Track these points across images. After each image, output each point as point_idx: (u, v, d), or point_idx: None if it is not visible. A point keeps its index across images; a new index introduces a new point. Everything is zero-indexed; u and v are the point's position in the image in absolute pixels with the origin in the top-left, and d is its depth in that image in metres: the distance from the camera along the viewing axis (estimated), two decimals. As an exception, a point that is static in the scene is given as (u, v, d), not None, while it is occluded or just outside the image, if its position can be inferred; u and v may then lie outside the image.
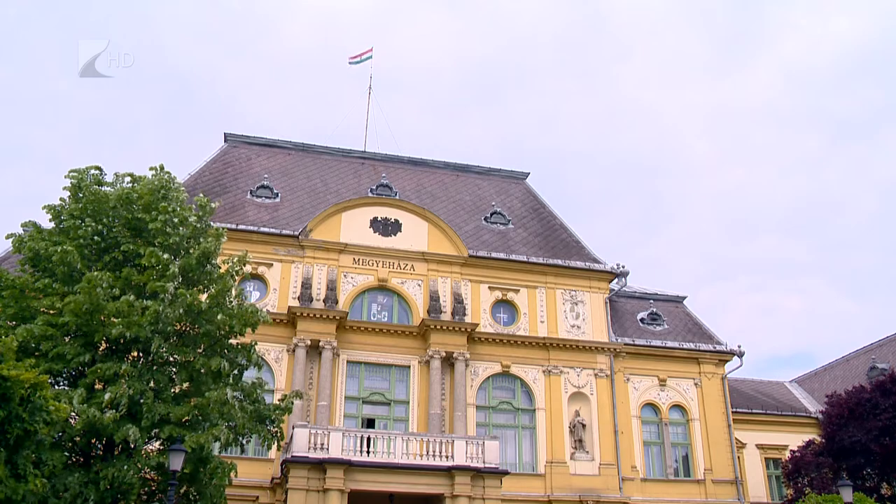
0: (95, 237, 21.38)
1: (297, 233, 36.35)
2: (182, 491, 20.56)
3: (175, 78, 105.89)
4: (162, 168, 22.85)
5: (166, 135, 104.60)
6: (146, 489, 20.17)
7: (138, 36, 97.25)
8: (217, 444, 20.50)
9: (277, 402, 22.94)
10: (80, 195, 21.75)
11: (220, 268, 22.22)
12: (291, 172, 42.25)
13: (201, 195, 24.16)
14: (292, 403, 23.17)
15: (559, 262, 39.33)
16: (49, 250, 20.16)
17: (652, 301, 42.04)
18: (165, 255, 20.12)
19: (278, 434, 23.09)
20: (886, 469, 33.36)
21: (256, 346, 23.09)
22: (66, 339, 19.38)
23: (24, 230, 21.66)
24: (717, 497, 37.11)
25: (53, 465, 16.49)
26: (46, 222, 22.19)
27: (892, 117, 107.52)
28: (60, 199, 22.09)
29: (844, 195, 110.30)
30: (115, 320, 18.89)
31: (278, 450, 28.29)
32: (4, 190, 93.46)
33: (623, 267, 39.82)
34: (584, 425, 36.44)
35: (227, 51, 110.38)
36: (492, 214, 42.29)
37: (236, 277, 22.50)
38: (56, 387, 19.16)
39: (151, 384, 19.41)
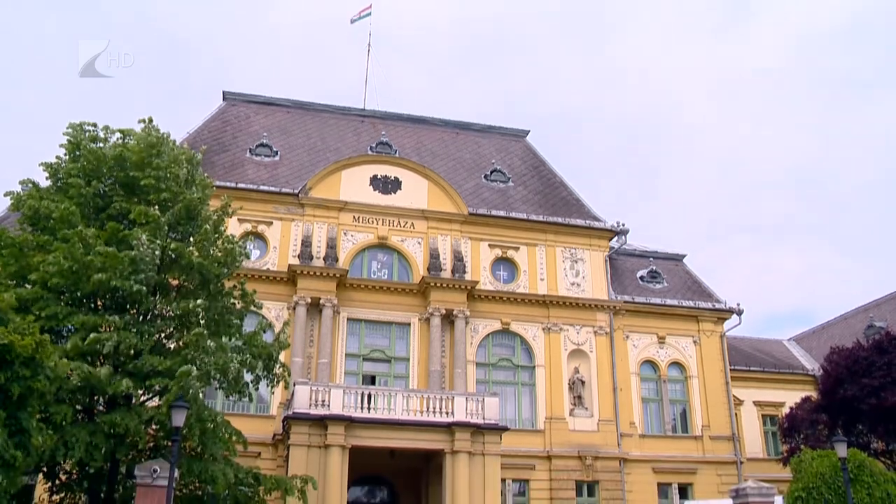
0: (96, 197, 21.31)
1: (296, 191, 36.27)
2: (187, 444, 20.69)
3: (172, 39, 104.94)
4: (150, 121, 22.64)
5: (163, 97, 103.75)
6: (152, 444, 20.31)
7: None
8: (219, 396, 20.49)
9: (275, 338, 22.96)
10: (78, 153, 21.60)
11: (210, 219, 22.08)
12: (290, 130, 42.03)
13: (185, 146, 24.02)
14: (287, 336, 23.25)
15: (559, 219, 39.31)
16: (49, 207, 20.08)
17: (652, 259, 42.08)
18: (154, 209, 20.03)
19: (285, 372, 23.11)
20: (877, 425, 33.68)
21: (245, 285, 23.01)
22: (60, 297, 19.37)
23: (22, 188, 21.55)
24: (714, 453, 37.51)
25: (63, 416, 16.63)
26: (43, 181, 22.08)
27: (895, 78, 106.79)
28: (57, 156, 21.95)
29: (845, 156, 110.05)
30: (102, 276, 18.80)
31: (285, 386, 28.40)
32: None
33: (623, 225, 39.83)
34: (583, 382, 36.69)
35: (224, 11, 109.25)
36: (492, 172, 42.17)
37: (224, 222, 22.44)
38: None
39: (143, 337, 19.34)
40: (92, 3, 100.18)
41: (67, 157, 21.84)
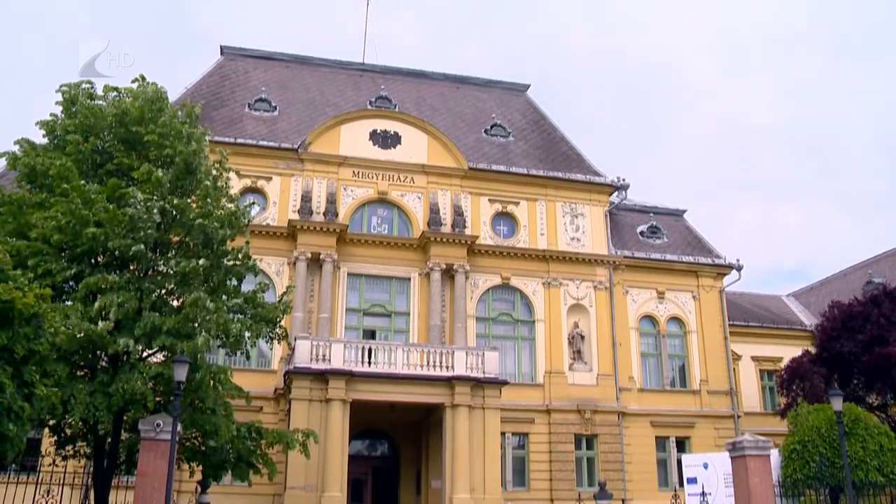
0: (94, 154, 21.11)
1: (296, 146, 36.11)
2: (189, 399, 20.86)
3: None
4: (143, 79, 22.36)
5: (160, 55, 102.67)
6: (159, 399, 20.39)
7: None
8: (220, 352, 20.54)
9: (276, 301, 22.94)
10: (74, 109, 21.37)
11: (210, 174, 21.93)
12: (289, 85, 41.74)
13: (186, 101, 23.77)
14: (290, 300, 23.21)
15: (560, 174, 39.21)
16: (45, 164, 19.91)
17: (652, 214, 42.08)
18: (160, 171, 19.87)
19: (282, 334, 23.22)
20: (871, 379, 33.92)
21: (250, 248, 22.79)
22: (61, 254, 19.27)
23: (18, 147, 21.29)
24: (712, 407, 37.85)
25: (59, 375, 16.68)
26: (40, 139, 21.85)
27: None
28: (52, 114, 21.67)
29: (845, 114, 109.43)
30: (95, 230, 18.70)
31: (287, 347, 28.53)
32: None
33: (623, 180, 39.72)
34: (582, 337, 36.89)
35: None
36: (492, 127, 41.97)
37: (223, 178, 22.28)
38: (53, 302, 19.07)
39: (143, 295, 19.31)
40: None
41: (63, 114, 21.61)
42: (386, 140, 37.46)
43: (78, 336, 17.66)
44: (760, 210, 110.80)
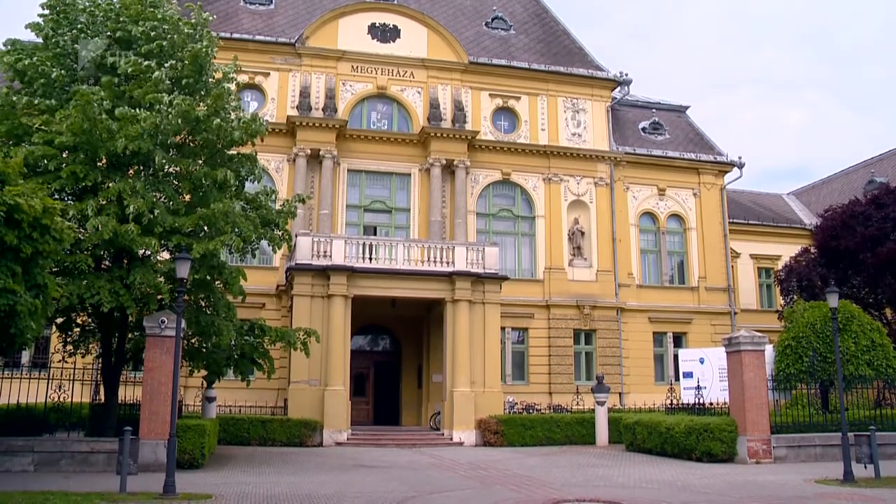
0: (76, 46, 20.52)
1: (293, 41, 35.43)
2: (195, 298, 21.06)
3: None
4: None
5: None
6: (161, 297, 20.63)
7: None
8: (224, 252, 20.67)
9: (280, 208, 22.86)
10: (60, 9, 20.77)
11: (215, 76, 21.54)
12: (285, -24, 40.58)
13: (199, 4, 23.11)
14: (295, 207, 23.12)
15: (561, 69, 38.59)
16: (26, 63, 19.47)
17: (654, 110, 41.60)
18: (146, 63, 19.33)
19: (286, 237, 23.25)
20: (872, 278, 34.16)
21: (257, 156, 22.60)
22: (69, 158, 19.02)
23: (5, 47, 20.74)
24: (710, 303, 38.27)
25: (77, 265, 16.87)
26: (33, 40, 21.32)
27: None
28: (40, 15, 21.11)
29: (854, 5, 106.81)
30: (116, 135, 18.42)
31: (288, 250, 28.65)
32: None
33: (626, 75, 39.14)
34: (582, 233, 37.00)
35: None
36: (493, 20, 41.06)
37: (233, 82, 21.87)
38: (63, 201, 18.94)
39: (160, 197, 19.28)
40: None
41: (50, 13, 20.95)
42: (385, 34, 36.73)
43: (93, 237, 17.71)
44: (764, 106, 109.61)
